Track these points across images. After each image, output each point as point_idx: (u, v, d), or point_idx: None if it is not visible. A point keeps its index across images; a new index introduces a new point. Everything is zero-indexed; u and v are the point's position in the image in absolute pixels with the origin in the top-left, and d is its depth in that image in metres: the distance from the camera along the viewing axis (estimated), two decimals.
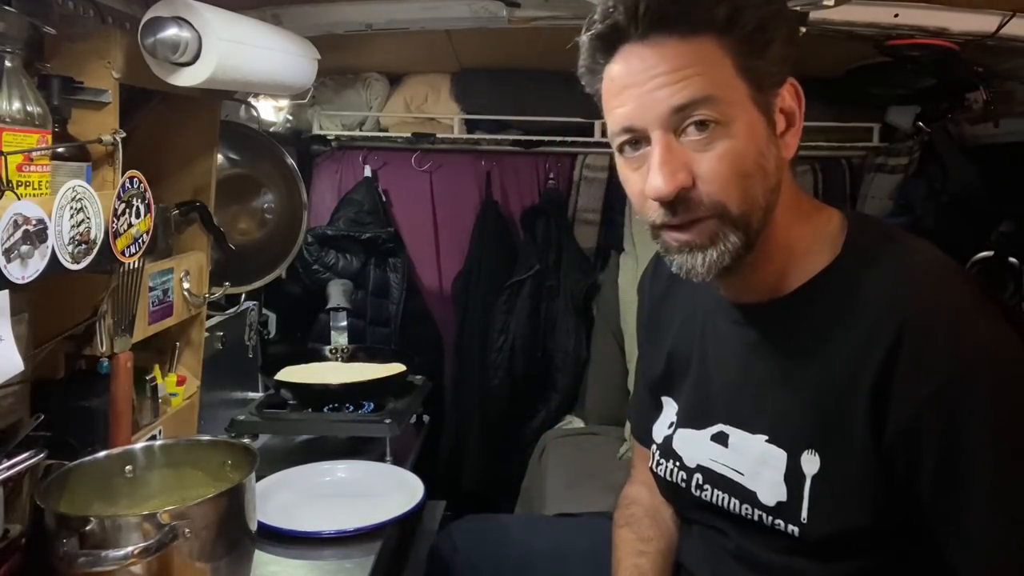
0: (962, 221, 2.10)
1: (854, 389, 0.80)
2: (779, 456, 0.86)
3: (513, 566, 1.21)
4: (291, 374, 1.87)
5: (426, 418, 2.02)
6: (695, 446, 0.98)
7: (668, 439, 1.02)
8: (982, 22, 1.39)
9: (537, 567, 1.20)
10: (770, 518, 0.86)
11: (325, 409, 1.78)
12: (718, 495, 0.93)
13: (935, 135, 2.16)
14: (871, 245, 0.86)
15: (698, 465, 0.97)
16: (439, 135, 2.35)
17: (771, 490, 0.86)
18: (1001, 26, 1.37)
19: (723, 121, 0.78)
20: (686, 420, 1.01)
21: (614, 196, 2.49)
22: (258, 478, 1.14)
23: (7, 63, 0.96)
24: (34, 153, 0.96)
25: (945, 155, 2.18)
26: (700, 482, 0.96)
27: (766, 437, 0.88)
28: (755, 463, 0.89)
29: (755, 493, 0.88)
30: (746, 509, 0.89)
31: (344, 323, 2.13)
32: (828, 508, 0.83)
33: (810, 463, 0.84)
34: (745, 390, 0.92)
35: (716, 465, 0.94)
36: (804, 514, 0.83)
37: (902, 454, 0.79)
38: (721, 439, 0.94)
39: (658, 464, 1.03)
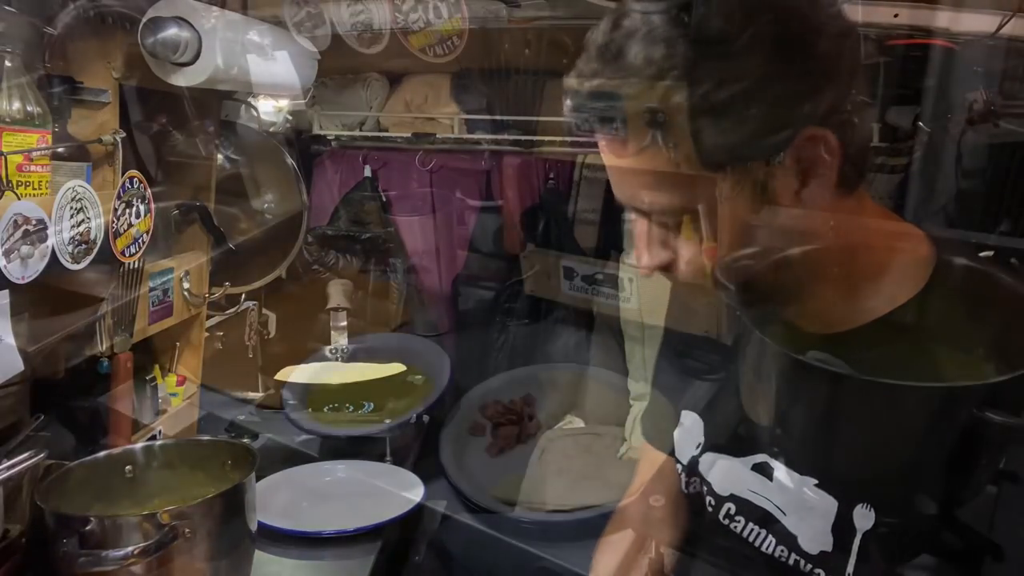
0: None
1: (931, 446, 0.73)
2: (829, 505, 0.79)
3: (506, 565, 1.20)
4: (291, 374, 1.87)
5: (426, 418, 2.02)
6: (729, 474, 0.91)
7: (694, 461, 0.95)
8: (982, 22, 1.38)
9: (530, 566, 1.19)
10: (809, 566, 0.81)
11: (325, 409, 1.78)
12: (752, 530, 0.87)
13: (935, 135, 2.15)
14: (962, 281, 0.77)
15: (731, 495, 0.90)
16: (439, 135, 2.35)
17: (815, 538, 0.80)
18: (1001, 26, 1.37)
19: (682, 214, 0.75)
20: (719, 445, 0.93)
21: (614, 196, 2.48)
22: (258, 478, 1.14)
23: (7, 63, 0.96)
24: (34, 153, 0.96)
25: (945, 155, 2.17)
26: (732, 512, 0.90)
27: (815, 482, 0.81)
28: (799, 506, 0.82)
29: (796, 537, 0.82)
30: (781, 551, 0.83)
31: (344, 323, 2.13)
32: (880, 567, 0.77)
33: (864, 517, 0.77)
34: (794, 425, 0.84)
35: (756, 497, 0.87)
36: (850, 568, 0.77)
37: (988, 520, 0.73)
38: (765, 471, 0.87)
39: (685, 484, 0.98)
